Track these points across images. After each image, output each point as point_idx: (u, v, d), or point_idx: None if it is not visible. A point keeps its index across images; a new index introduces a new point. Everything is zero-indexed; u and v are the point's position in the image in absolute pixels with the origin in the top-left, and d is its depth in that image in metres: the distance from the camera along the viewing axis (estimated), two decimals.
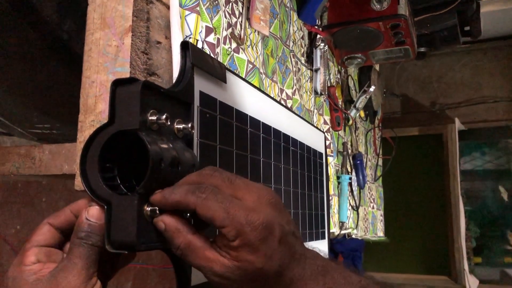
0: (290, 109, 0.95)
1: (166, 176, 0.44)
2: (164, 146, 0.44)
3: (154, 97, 0.46)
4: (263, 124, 0.76)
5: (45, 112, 1.17)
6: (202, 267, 0.41)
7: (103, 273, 0.47)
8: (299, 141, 0.94)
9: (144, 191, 0.42)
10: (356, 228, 1.52)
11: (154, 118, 0.44)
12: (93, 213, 0.43)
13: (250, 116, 0.71)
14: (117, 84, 0.44)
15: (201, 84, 0.56)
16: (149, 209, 0.43)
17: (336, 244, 2.25)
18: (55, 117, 1.18)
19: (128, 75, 0.64)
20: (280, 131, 0.84)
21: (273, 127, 0.80)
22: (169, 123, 0.46)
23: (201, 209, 0.40)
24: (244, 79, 0.72)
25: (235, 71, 0.80)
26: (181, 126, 0.49)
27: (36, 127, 1.22)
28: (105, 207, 0.42)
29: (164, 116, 0.45)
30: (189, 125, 0.49)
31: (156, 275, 2.20)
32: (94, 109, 0.66)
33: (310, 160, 1.00)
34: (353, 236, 1.54)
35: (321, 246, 1.04)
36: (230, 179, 0.43)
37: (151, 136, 0.43)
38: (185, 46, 0.56)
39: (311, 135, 1.04)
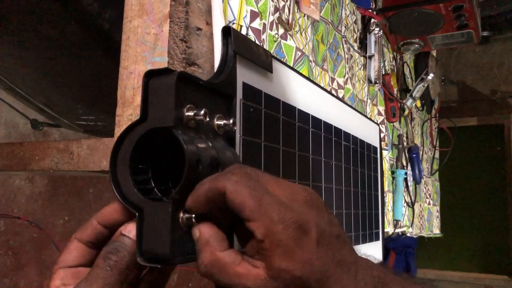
0: (341, 100, 0.88)
1: (204, 178, 0.38)
2: (202, 145, 0.39)
3: (191, 90, 0.41)
4: (313, 117, 0.70)
5: (89, 103, 1.16)
6: (233, 284, 0.34)
7: (153, 284, 0.43)
8: (352, 135, 0.87)
9: (179, 197, 0.37)
10: (411, 226, 1.43)
11: (191, 114, 0.39)
12: (130, 229, 0.38)
13: (298, 109, 0.65)
14: (150, 75, 0.39)
15: (244, 75, 0.51)
16: (185, 216, 0.38)
17: (389, 241, 2.15)
18: (100, 109, 1.17)
19: (166, 66, 0.59)
20: (332, 125, 0.77)
21: (323, 121, 0.73)
22: (208, 119, 0.41)
23: (230, 193, 0.34)
24: (292, 68, 0.66)
25: (282, 59, 0.74)
26: (221, 122, 0.43)
27: (81, 118, 1.22)
28: (137, 214, 0.37)
29: (202, 112, 0.39)
30: (231, 121, 0.43)
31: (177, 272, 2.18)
32: (132, 102, 0.62)
33: (364, 155, 0.93)
34: (408, 235, 1.45)
35: (374, 248, 0.96)
36: (259, 173, 0.37)
37: (188, 134, 0.38)
38: (227, 32, 0.50)
39: (364, 128, 0.96)
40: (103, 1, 0.89)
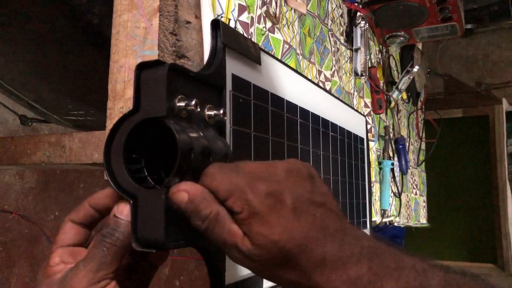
0: (329, 92, 0.89)
1: (196, 167, 0.40)
2: (194, 134, 0.40)
3: (182, 82, 0.42)
4: (301, 108, 0.71)
5: (78, 98, 1.16)
6: (227, 243, 0.36)
7: (140, 272, 0.44)
8: (339, 126, 0.89)
9: (172, 184, 0.39)
10: (398, 215, 1.45)
11: (182, 104, 0.40)
12: (122, 210, 0.39)
13: (286, 100, 0.66)
14: (142, 67, 0.40)
15: (233, 67, 0.52)
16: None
17: (376, 231, 2.18)
18: (89, 104, 1.17)
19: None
20: (319, 116, 0.78)
21: (311, 112, 0.75)
22: (199, 109, 0.42)
23: (205, 178, 0.37)
24: (280, 60, 0.67)
25: (270, 52, 0.75)
26: (212, 113, 0.45)
27: (71, 113, 1.22)
28: (131, 201, 0.39)
29: (193, 102, 0.41)
30: (221, 111, 0.45)
31: (194, 261, 2.21)
32: (123, 95, 0.63)
33: (351, 146, 0.95)
34: (395, 224, 1.48)
35: None
36: (239, 162, 0.39)
37: (180, 124, 0.40)
38: (216, 25, 0.51)
39: (351, 119, 0.98)
40: None
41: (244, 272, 0.53)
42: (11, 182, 1.44)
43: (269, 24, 0.75)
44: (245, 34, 0.66)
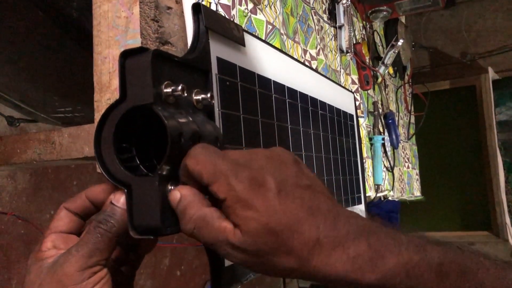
0: (315, 71, 0.89)
1: (187, 151, 0.40)
2: (183, 120, 0.40)
3: (167, 67, 0.42)
4: (288, 88, 0.71)
5: (65, 95, 1.15)
6: (217, 239, 0.35)
7: (128, 263, 0.45)
8: (328, 104, 0.89)
9: (165, 171, 0.39)
10: (392, 189, 1.47)
11: (169, 90, 0.40)
12: (119, 198, 0.39)
13: (273, 80, 0.66)
14: (126, 55, 0.40)
15: (218, 50, 0.52)
16: (171, 188, 0.39)
17: (372, 207, 2.20)
18: (76, 100, 1.16)
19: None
20: (307, 95, 0.79)
21: (299, 91, 0.75)
22: (186, 94, 0.42)
23: (190, 166, 0.37)
24: (264, 41, 0.67)
25: (254, 34, 0.75)
26: (199, 97, 0.44)
27: (58, 111, 1.21)
28: (125, 190, 0.39)
29: (180, 87, 0.40)
30: (208, 95, 0.44)
31: (193, 250, 2.22)
32: (109, 87, 0.62)
33: (341, 123, 0.95)
34: (390, 198, 1.49)
35: (358, 211, 1.00)
36: (224, 149, 0.40)
37: (168, 110, 0.39)
38: (197, 9, 0.51)
39: (339, 97, 0.99)
40: None
41: None
42: (3, 183, 1.43)
43: (251, 5, 0.75)
44: (227, 17, 0.66)
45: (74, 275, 0.36)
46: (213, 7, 0.63)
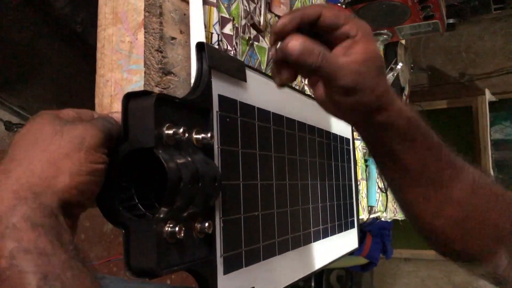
0: (313, 97, 0.90)
1: (186, 194, 0.41)
2: (183, 161, 0.41)
3: (169, 109, 0.42)
4: (287, 118, 0.72)
5: (63, 104, 1.15)
6: (344, 65, 0.42)
7: None
8: (325, 130, 0.90)
9: (162, 214, 0.39)
10: (385, 210, 1.48)
11: (170, 132, 0.41)
12: (118, 116, 0.42)
13: (272, 112, 0.67)
14: (130, 97, 0.40)
15: (219, 87, 0.53)
16: (169, 229, 0.40)
17: (365, 225, 2.21)
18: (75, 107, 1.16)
19: (143, 73, 0.60)
20: (305, 123, 0.79)
21: (297, 121, 0.76)
22: (187, 135, 0.43)
23: (327, 12, 0.43)
24: (264, 74, 0.68)
25: (255, 61, 0.75)
26: (200, 136, 0.45)
27: None
28: (123, 231, 0.39)
29: (181, 130, 0.41)
30: (209, 134, 0.45)
31: None
32: (110, 109, 0.63)
33: (337, 148, 0.96)
34: (382, 219, 1.50)
35: (350, 236, 1.00)
36: None
37: (168, 152, 0.40)
38: (201, 47, 0.51)
39: (336, 121, 0.99)
40: (75, 5, 0.88)
41: None
42: None
43: (253, 33, 0.76)
44: (229, 47, 0.67)
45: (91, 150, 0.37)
46: (215, 38, 0.64)
